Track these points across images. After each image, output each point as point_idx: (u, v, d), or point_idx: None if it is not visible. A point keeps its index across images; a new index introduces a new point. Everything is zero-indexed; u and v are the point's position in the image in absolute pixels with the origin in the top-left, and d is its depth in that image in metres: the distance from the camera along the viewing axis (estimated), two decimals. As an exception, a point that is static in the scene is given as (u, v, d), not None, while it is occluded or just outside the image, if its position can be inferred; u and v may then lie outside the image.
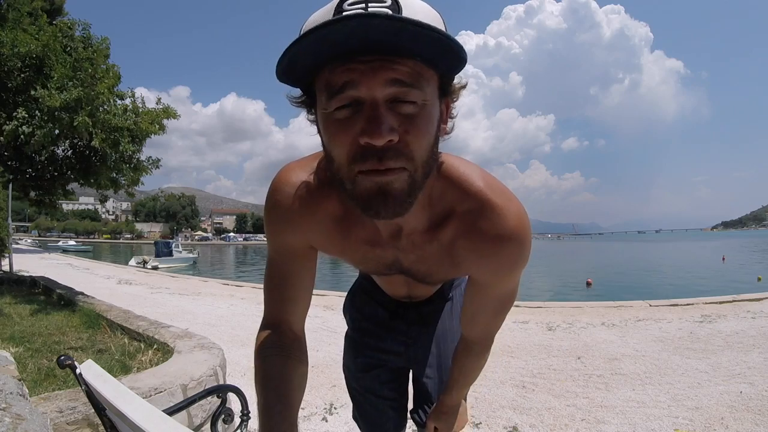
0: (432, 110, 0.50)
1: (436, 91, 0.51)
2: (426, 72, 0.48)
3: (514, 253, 0.63)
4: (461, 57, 0.47)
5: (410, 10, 0.47)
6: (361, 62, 0.46)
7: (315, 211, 0.66)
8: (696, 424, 2.37)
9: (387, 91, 0.47)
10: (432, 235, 0.65)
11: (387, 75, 0.46)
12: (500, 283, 0.69)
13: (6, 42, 5.17)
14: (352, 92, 0.47)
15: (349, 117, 0.48)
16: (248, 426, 1.08)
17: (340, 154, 0.50)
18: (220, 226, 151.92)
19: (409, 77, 0.47)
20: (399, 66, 0.46)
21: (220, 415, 1.06)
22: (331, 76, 0.48)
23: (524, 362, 3.60)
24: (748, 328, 4.39)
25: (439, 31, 0.43)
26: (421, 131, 0.49)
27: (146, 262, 23.00)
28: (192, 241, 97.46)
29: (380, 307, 1.04)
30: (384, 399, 1.06)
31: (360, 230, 0.67)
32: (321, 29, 0.42)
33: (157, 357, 2.46)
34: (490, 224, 0.61)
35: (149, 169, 6.53)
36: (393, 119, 0.47)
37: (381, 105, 0.47)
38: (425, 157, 0.51)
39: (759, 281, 13.76)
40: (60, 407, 1.55)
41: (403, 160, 0.49)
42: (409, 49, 0.45)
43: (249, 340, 4.38)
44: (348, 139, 0.49)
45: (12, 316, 3.70)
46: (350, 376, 1.10)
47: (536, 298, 9.30)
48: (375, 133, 0.46)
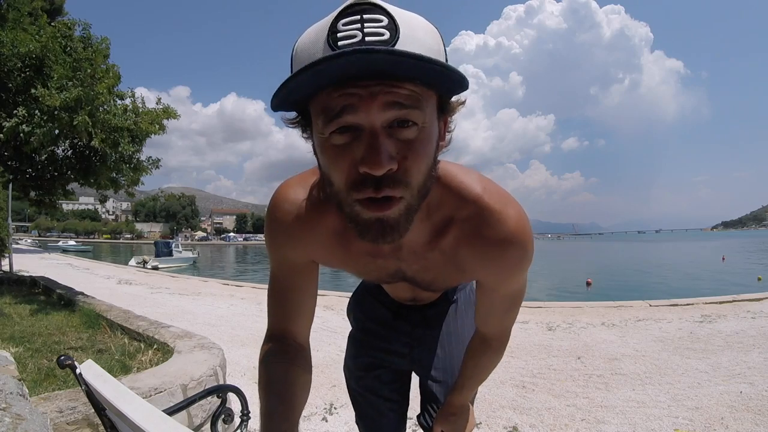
0: (431, 131, 0.50)
1: (435, 110, 0.50)
2: (425, 93, 0.47)
3: (517, 256, 0.63)
4: (462, 84, 0.47)
5: (408, 29, 0.46)
6: (359, 87, 0.45)
7: (315, 227, 0.66)
8: (696, 424, 2.37)
9: (386, 116, 0.46)
10: (434, 244, 0.65)
11: (386, 99, 0.45)
12: (507, 284, 0.70)
13: (6, 42, 5.17)
14: (350, 118, 0.46)
15: (347, 143, 0.48)
16: (248, 426, 1.08)
17: (339, 180, 0.49)
18: (220, 226, 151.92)
19: (409, 99, 0.46)
20: (398, 90, 0.45)
21: (220, 415, 1.06)
22: (328, 101, 0.46)
23: (524, 362, 3.60)
24: (748, 328, 4.39)
25: (438, 63, 0.43)
26: (420, 156, 0.49)
27: (146, 262, 23.00)
28: (192, 241, 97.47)
29: (384, 308, 1.04)
30: (384, 400, 1.06)
31: (360, 243, 0.66)
32: (318, 65, 0.42)
33: (157, 357, 2.46)
34: (490, 230, 0.61)
35: (149, 169, 6.53)
36: (392, 146, 0.47)
37: (380, 133, 0.46)
38: (423, 180, 0.51)
39: (759, 281, 13.76)
40: (60, 407, 1.55)
41: (401, 189, 0.48)
42: (409, 76, 0.45)
43: (249, 340, 4.38)
44: (346, 166, 0.48)
45: (12, 316, 3.70)
46: (351, 376, 1.09)
47: (536, 298, 9.30)
48: (375, 163, 0.45)
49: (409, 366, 1.05)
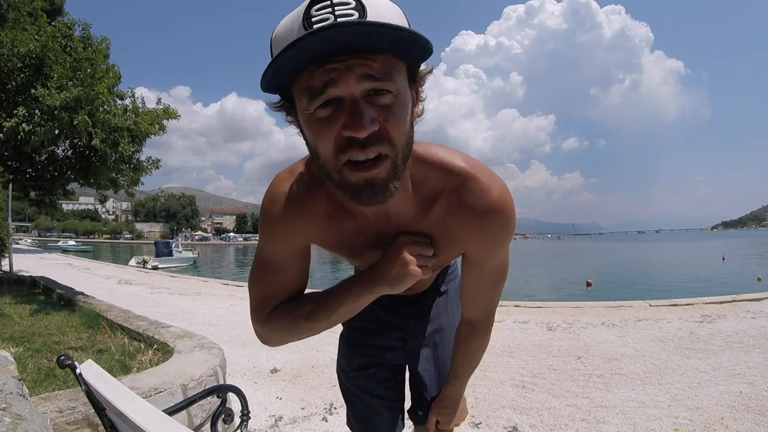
0: (405, 98, 0.54)
1: (406, 79, 0.55)
2: (396, 64, 0.52)
3: (502, 224, 0.68)
4: (427, 48, 0.52)
5: (373, 8, 0.50)
6: (337, 62, 0.49)
7: (309, 212, 0.70)
8: (696, 424, 2.37)
9: (363, 86, 0.50)
10: (422, 217, 0.69)
11: (361, 71, 0.49)
12: (493, 256, 0.74)
13: (6, 42, 5.16)
14: (333, 90, 0.50)
15: (331, 115, 0.52)
16: (248, 426, 1.08)
17: (326, 148, 0.54)
18: (220, 226, 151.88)
19: (381, 71, 0.50)
20: (371, 62, 0.50)
21: (220, 415, 1.06)
22: (310, 80, 0.51)
23: (524, 362, 3.60)
24: (748, 328, 4.39)
25: (405, 29, 0.48)
26: (398, 118, 0.53)
27: (146, 262, 23.01)
28: (192, 241, 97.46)
29: (375, 304, 1.04)
30: (380, 399, 1.05)
31: (352, 223, 0.71)
32: (300, 42, 0.46)
33: (157, 357, 2.46)
34: (476, 199, 0.66)
35: (149, 169, 6.53)
36: (372, 111, 0.51)
37: (360, 100, 0.51)
38: (404, 141, 0.55)
39: (759, 281, 13.76)
40: (60, 407, 1.55)
41: (386, 146, 0.53)
42: (379, 47, 0.49)
43: (249, 340, 4.38)
44: (332, 134, 0.52)
45: (12, 316, 3.70)
46: (345, 377, 1.08)
47: (536, 298, 9.30)
48: (358, 126, 0.50)
49: (403, 360, 1.05)
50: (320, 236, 0.72)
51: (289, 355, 3.80)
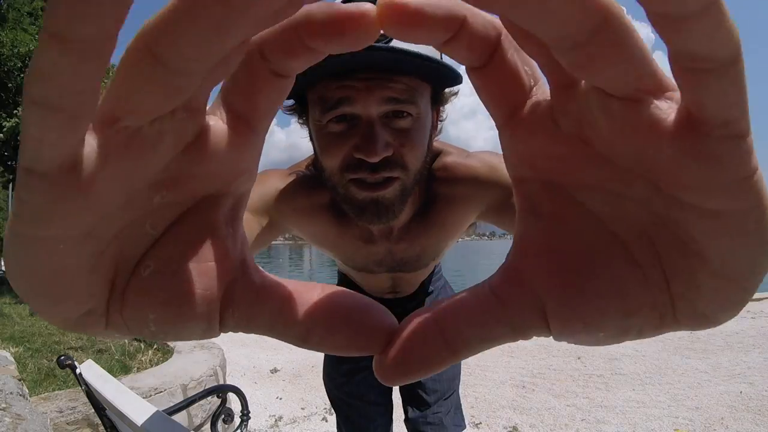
0: (425, 121, 0.51)
1: (429, 102, 0.52)
2: (420, 86, 0.49)
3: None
4: (456, 80, 0.49)
5: None
6: (357, 79, 0.46)
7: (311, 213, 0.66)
8: (696, 424, 2.37)
9: (382, 108, 0.47)
10: (421, 218, 0.65)
11: (383, 93, 0.46)
12: None
13: (6, 42, 5.17)
14: (347, 108, 0.47)
15: (343, 131, 0.48)
16: (248, 426, 1.08)
17: (333, 164, 0.50)
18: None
19: (404, 94, 0.47)
20: (394, 84, 0.46)
21: (220, 415, 1.06)
22: (325, 92, 0.47)
23: (524, 362, 3.60)
24: (748, 328, 4.39)
25: (436, 61, 0.45)
26: (415, 144, 0.50)
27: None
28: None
29: None
30: (371, 404, 1.02)
31: (354, 229, 0.67)
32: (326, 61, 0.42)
33: (157, 357, 2.46)
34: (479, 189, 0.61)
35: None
36: (388, 135, 0.48)
37: (377, 122, 0.47)
38: (419, 165, 0.52)
39: (759, 281, 13.78)
40: (60, 407, 1.55)
41: (398, 171, 0.50)
42: (406, 71, 0.46)
43: (249, 340, 4.37)
44: (341, 152, 0.49)
45: (12, 316, 3.70)
46: (333, 385, 1.04)
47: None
48: (371, 150, 0.46)
49: None
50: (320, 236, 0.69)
51: (289, 355, 3.80)
